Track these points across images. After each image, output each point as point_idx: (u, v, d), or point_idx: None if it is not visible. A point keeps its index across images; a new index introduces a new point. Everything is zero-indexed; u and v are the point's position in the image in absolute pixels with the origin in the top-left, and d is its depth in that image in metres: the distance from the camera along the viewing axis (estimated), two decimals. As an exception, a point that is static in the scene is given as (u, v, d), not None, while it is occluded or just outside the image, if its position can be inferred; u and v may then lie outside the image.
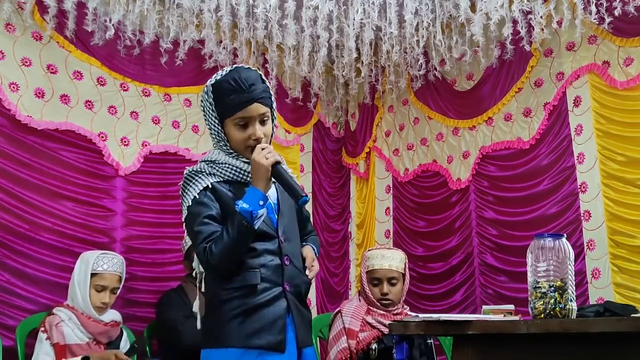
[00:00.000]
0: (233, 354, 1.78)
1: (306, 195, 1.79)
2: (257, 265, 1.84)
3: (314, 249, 2.09)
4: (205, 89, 1.91)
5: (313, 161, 4.49)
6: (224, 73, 1.89)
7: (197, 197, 1.83)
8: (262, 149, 1.83)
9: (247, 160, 1.90)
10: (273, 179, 1.86)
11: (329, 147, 4.65)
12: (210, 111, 1.89)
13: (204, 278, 1.95)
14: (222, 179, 1.88)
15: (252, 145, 1.86)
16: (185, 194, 1.87)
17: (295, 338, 1.88)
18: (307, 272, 2.00)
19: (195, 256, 1.95)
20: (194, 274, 2.01)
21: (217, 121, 1.89)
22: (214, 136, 1.93)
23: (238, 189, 1.87)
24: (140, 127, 3.67)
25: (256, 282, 1.82)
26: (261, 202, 1.78)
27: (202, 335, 1.89)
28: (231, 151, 1.91)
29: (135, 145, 3.63)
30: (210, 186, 1.85)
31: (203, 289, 1.95)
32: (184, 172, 1.92)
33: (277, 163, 1.83)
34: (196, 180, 1.86)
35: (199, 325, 1.97)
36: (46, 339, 2.70)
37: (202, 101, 1.93)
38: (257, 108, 1.87)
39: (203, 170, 1.88)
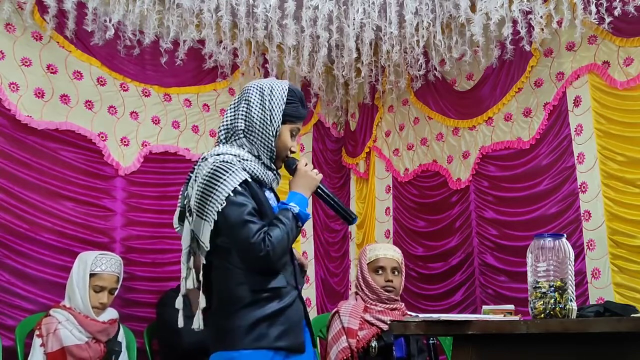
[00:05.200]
0: (265, 356, 1.79)
1: (356, 217, 2.04)
2: (280, 268, 1.87)
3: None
4: (280, 86, 1.97)
5: (313, 161, 4.49)
6: (289, 84, 2.01)
7: (239, 188, 1.82)
8: (306, 164, 2.00)
9: (270, 167, 1.97)
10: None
11: (329, 147, 4.64)
12: (281, 106, 1.94)
13: (219, 281, 1.89)
14: (250, 176, 1.88)
15: (288, 155, 2.00)
16: (220, 182, 1.82)
17: (310, 338, 1.96)
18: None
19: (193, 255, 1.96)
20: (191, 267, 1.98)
21: (280, 118, 1.94)
22: (267, 127, 1.93)
23: (260, 189, 1.91)
24: (140, 127, 3.66)
25: (283, 285, 1.86)
26: (307, 209, 1.92)
27: (216, 339, 1.86)
28: (272, 148, 1.94)
29: (135, 145, 3.63)
30: (248, 180, 1.86)
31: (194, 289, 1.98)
32: (213, 161, 1.87)
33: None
34: (233, 172, 1.84)
35: (180, 324, 2.00)
36: (40, 345, 2.69)
37: (272, 93, 1.96)
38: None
39: (235, 164, 1.86)
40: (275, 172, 1.99)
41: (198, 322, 1.93)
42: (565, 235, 1.86)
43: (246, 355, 1.79)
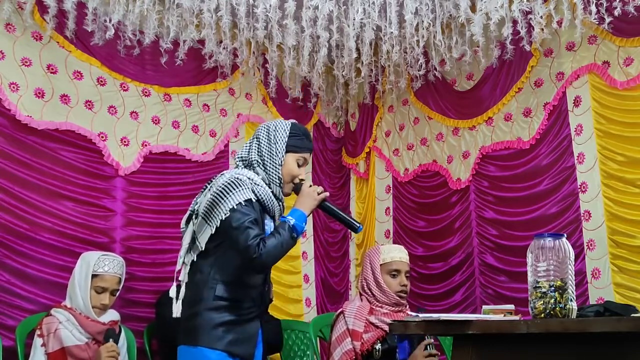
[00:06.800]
0: (217, 355, 2.02)
1: (361, 225, 2.22)
2: (249, 286, 2.13)
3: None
4: (284, 123, 2.28)
5: (313, 161, 4.49)
6: (292, 122, 2.28)
7: (243, 203, 2.07)
8: (310, 185, 2.22)
9: (276, 194, 2.21)
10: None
11: (329, 147, 4.65)
12: (284, 139, 2.23)
13: (193, 280, 2.13)
14: (256, 199, 2.13)
15: (296, 182, 2.24)
16: (230, 195, 2.07)
17: (261, 353, 2.20)
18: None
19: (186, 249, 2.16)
20: (184, 259, 2.16)
21: (284, 148, 2.22)
22: (273, 157, 2.21)
23: (262, 213, 2.15)
24: (140, 127, 3.66)
25: (245, 299, 2.11)
26: (304, 224, 2.14)
27: (182, 332, 2.09)
28: (279, 176, 2.20)
29: (135, 145, 3.63)
30: (253, 200, 2.11)
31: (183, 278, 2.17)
32: (230, 176, 2.13)
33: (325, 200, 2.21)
34: (243, 188, 2.10)
35: (174, 313, 2.15)
36: (41, 345, 2.69)
37: (276, 129, 2.24)
38: (309, 158, 2.33)
39: (247, 184, 2.12)
40: (281, 203, 2.23)
41: (176, 312, 2.15)
42: (565, 235, 1.86)
43: (202, 351, 2.03)
